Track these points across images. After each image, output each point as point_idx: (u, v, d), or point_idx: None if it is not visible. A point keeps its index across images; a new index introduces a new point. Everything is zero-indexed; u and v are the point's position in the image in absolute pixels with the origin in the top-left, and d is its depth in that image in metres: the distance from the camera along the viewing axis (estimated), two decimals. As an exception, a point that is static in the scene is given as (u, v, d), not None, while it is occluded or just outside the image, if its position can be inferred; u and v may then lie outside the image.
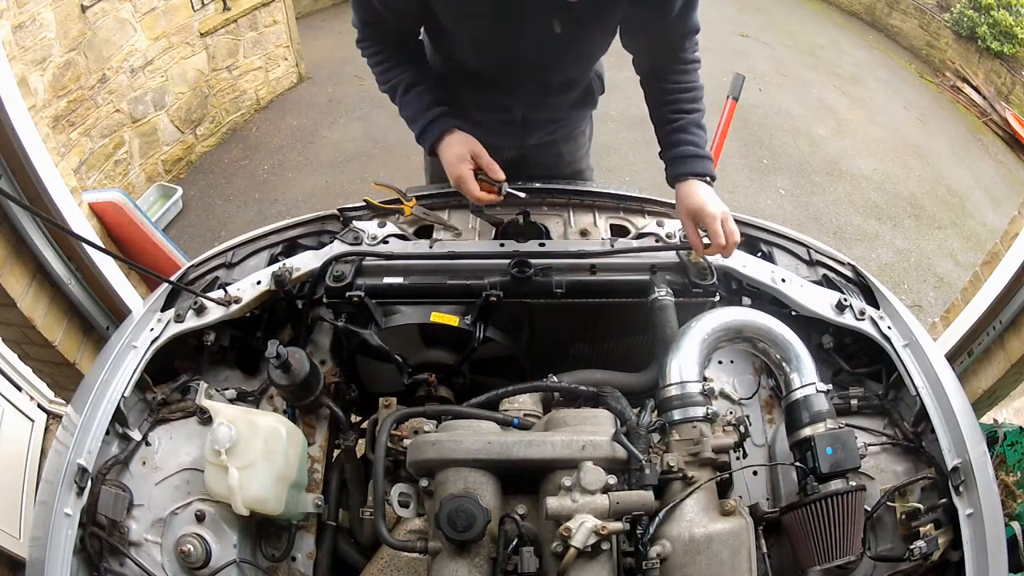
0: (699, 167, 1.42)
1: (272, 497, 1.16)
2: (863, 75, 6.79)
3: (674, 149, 1.46)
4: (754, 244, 1.57)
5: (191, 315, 1.37)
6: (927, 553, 1.12)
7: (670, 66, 1.49)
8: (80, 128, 3.76)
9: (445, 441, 1.04)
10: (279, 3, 5.05)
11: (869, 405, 1.35)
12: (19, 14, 3.16)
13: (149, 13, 4.07)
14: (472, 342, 1.36)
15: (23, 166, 1.77)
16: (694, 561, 0.97)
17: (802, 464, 1.12)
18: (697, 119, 1.48)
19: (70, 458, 1.17)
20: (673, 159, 1.46)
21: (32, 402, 2.66)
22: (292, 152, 4.91)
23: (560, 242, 1.51)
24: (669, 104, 1.48)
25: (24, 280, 1.83)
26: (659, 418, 1.15)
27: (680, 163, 1.44)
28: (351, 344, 1.42)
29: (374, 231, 1.50)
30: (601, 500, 0.96)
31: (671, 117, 1.47)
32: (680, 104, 1.48)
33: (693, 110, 1.48)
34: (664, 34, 1.44)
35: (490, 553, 0.98)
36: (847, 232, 4.64)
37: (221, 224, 4.29)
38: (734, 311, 1.24)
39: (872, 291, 1.46)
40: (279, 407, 1.39)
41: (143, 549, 1.19)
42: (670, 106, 1.48)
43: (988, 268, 2.24)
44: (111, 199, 2.89)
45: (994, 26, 6.71)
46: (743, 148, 5.23)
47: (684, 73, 1.49)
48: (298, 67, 5.53)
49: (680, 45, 1.47)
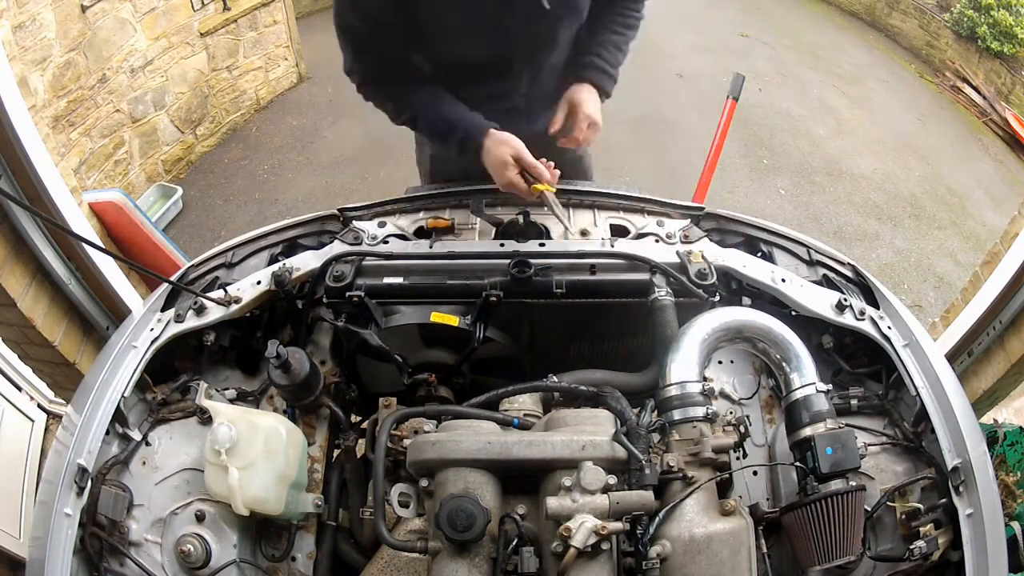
0: (597, 78, 1.54)
1: (272, 497, 1.16)
2: (863, 75, 6.79)
3: (585, 57, 1.56)
4: (754, 244, 1.57)
5: (191, 315, 1.37)
6: (927, 553, 1.12)
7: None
8: (80, 128, 3.76)
9: (445, 441, 1.04)
10: (279, 3, 5.05)
11: (869, 405, 1.35)
12: (19, 14, 3.16)
13: (149, 13, 4.07)
14: (472, 342, 1.37)
15: (23, 166, 1.77)
16: (694, 561, 0.97)
17: (802, 464, 1.12)
18: (620, 42, 1.57)
19: (70, 458, 1.17)
20: (579, 65, 1.56)
21: (32, 402, 2.66)
22: (292, 152, 4.91)
23: (560, 242, 1.51)
24: (601, 23, 1.57)
25: (24, 280, 1.83)
26: (659, 418, 1.15)
27: (584, 69, 1.55)
28: (351, 344, 1.42)
29: (374, 231, 1.51)
30: (601, 500, 0.96)
31: (596, 31, 1.57)
32: (611, 24, 1.57)
33: (619, 32, 1.57)
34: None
35: (490, 553, 0.98)
36: (847, 232, 4.64)
37: (221, 224, 4.29)
38: (734, 311, 1.24)
39: (872, 291, 1.46)
40: (279, 407, 1.39)
41: (143, 549, 1.19)
42: (601, 24, 1.57)
43: (988, 268, 2.24)
44: (111, 199, 2.89)
45: (994, 26, 6.71)
46: (743, 148, 5.23)
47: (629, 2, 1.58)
48: (298, 67, 5.53)
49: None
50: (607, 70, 1.55)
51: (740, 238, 1.58)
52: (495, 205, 1.60)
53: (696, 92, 5.91)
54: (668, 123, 5.46)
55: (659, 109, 5.61)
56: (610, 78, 1.56)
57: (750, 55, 6.63)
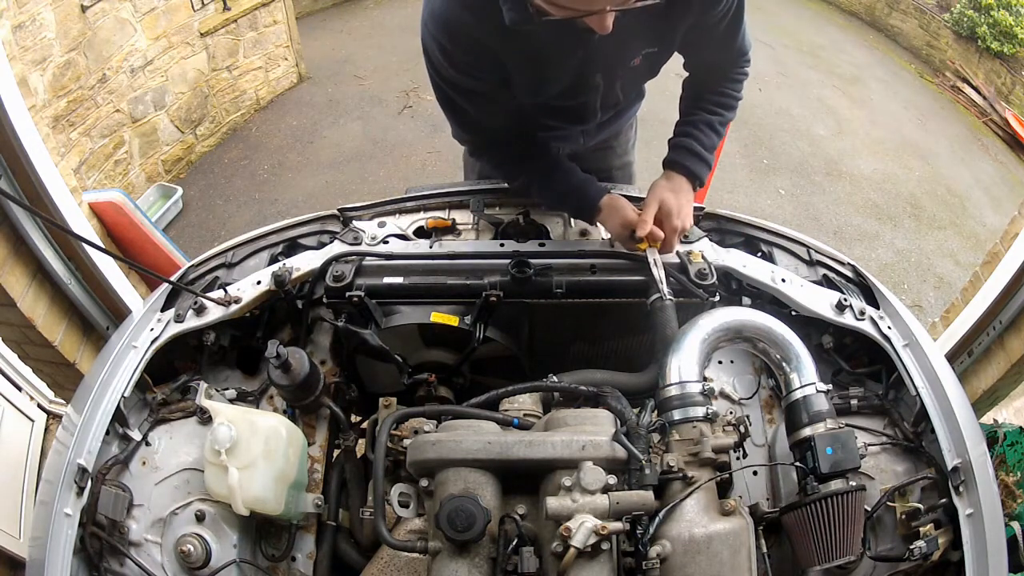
0: (693, 165, 1.45)
1: (272, 497, 1.16)
2: (863, 75, 6.79)
3: (680, 139, 1.48)
4: (754, 244, 1.57)
5: (191, 315, 1.37)
6: (927, 553, 1.12)
7: (717, 80, 1.50)
8: (80, 128, 3.76)
9: (445, 441, 1.04)
10: (279, 3, 5.04)
11: (869, 405, 1.35)
12: (19, 14, 3.16)
13: (149, 13, 4.07)
14: (472, 342, 1.37)
15: (23, 166, 1.77)
16: (694, 561, 0.97)
17: (802, 464, 1.12)
18: (715, 122, 1.48)
19: (70, 458, 1.17)
20: (675, 147, 1.48)
21: (32, 402, 2.65)
22: (292, 152, 4.91)
23: (560, 242, 1.51)
24: (699, 101, 1.50)
25: (24, 280, 1.83)
26: (659, 418, 1.15)
27: (679, 153, 1.46)
28: (351, 344, 1.42)
29: (374, 231, 1.51)
30: (601, 500, 0.96)
31: (693, 111, 1.49)
32: (708, 105, 1.49)
33: (717, 112, 1.49)
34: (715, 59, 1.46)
35: (490, 553, 0.98)
36: (847, 232, 4.64)
37: (221, 224, 4.29)
38: (734, 311, 1.24)
39: (872, 291, 1.46)
40: (279, 407, 1.39)
41: (143, 549, 1.19)
42: (699, 102, 1.50)
43: (988, 268, 2.24)
44: (111, 199, 2.89)
45: (994, 26, 6.71)
46: (743, 148, 5.23)
47: (729, 82, 1.50)
48: (298, 67, 5.53)
49: (730, 66, 1.48)
50: (703, 155, 1.45)
51: (740, 238, 1.58)
52: (495, 205, 1.60)
53: (696, 92, 5.90)
54: (668, 123, 5.41)
55: (659, 109, 5.56)
56: (706, 166, 1.46)
57: (750, 55, 6.63)
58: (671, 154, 1.47)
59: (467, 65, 1.27)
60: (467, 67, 1.27)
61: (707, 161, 1.46)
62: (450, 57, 1.25)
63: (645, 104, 1.71)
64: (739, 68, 1.49)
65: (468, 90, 1.33)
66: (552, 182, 1.46)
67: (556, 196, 1.48)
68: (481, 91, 1.33)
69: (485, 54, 1.24)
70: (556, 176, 1.46)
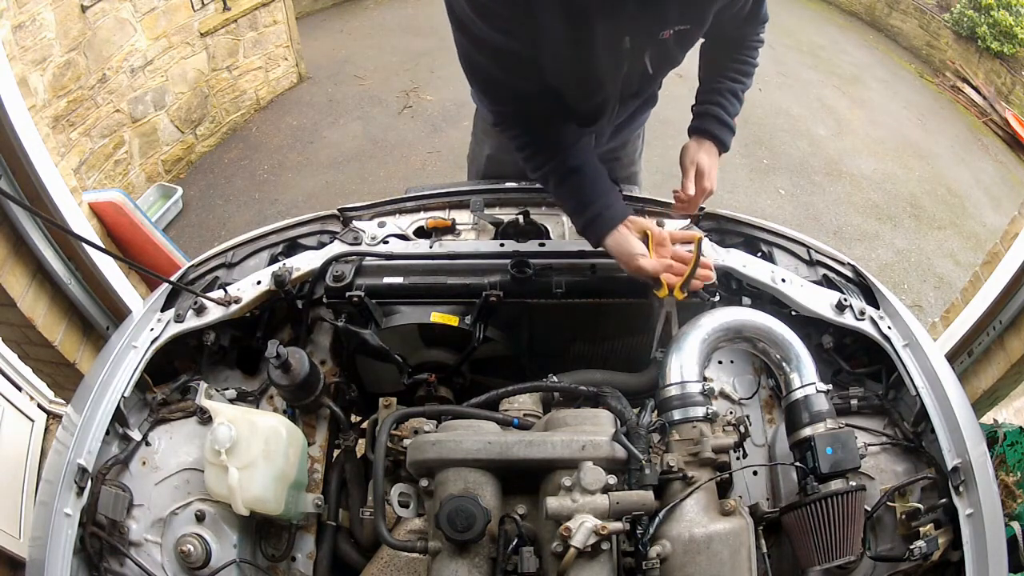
0: (721, 132, 1.49)
1: (272, 497, 1.16)
2: (863, 75, 6.79)
3: (708, 107, 1.51)
4: (754, 244, 1.57)
5: (191, 315, 1.37)
6: (927, 553, 1.11)
7: (736, 47, 1.52)
8: (80, 128, 3.76)
9: (445, 441, 1.04)
10: (279, 3, 5.05)
11: (869, 405, 1.35)
12: (19, 14, 3.16)
13: (149, 13, 4.07)
14: (472, 342, 1.36)
15: (23, 166, 1.77)
16: (694, 561, 0.97)
17: (802, 464, 1.12)
18: (738, 90, 1.52)
19: (70, 458, 1.17)
20: (702, 115, 1.51)
21: (32, 402, 2.65)
22: (292, 152, 4.91)
23: (560, 242, 1.51)
24: (721, 69, 1.53)
25: (24, 280, 1.83)
26: (659, 418, 1.15)
27: (708, 120, 1.50)
28: (351, 344, 1.42)
29: (374, 231, 1.50)
30: (601, 500, 0.96)
31: (717, 79, 1.52)
32: (730, 72, 1.52)
33: (739, 80, 1.52)
34: (736, 31, 1.47)
35: (490, 553, 0.98)
36: (847, 232, 4.64)
37: (221, 224, 4.29)
38: (734, 311, 1.24)
39: (872, 291, 1.46)
40: (279, 407, 1.39)
41: (143, 549, 1.19)
42: (721, 70, 1.53)
43: (988, 268, 2.24)
44: (111, 199, 2.89)
45: (994, 26, 6.71)
46: (743, 148, 5.23)
47: (748, 49, 1.53)
48: (298, 67, 5.53)
49: (750, 33, 1.51)
50: (728, 123, 1.50)
51: (740, 238, 1.58)
52: (495, 205, 1.60)
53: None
54: (668, 123, 5.41)
55: (659, 109, 5.58)
56: (731, 132, 1.51)
57: (750, 55, 6.63)
58: (700, 122, 1.50)
59: (496, 16, 1.17)
60: (496, 17, 1.17)
61: (733, 128, 1.51)
62: (479, 7, 1.16)
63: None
64: (758, 36, 1.52)
65: (496, 49, 1.22)
66: (577, 180, 1.35)
67: (579, 197, 1.34)
68: (511, 50, 1.22)
69: (517, 4, 1.15)
70: (581, 175, 1.35)
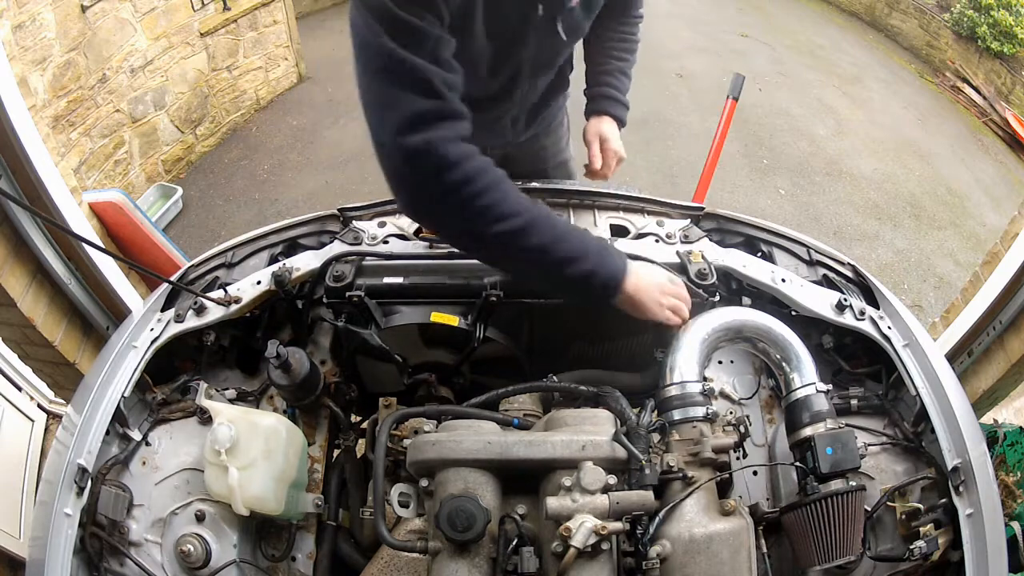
0: (615, 109, 1.64)
1: (272, 497, 1.16)
2: (863, 75, 6.80)
3: (598, 88, 1.65)
4: (754, 244, 1.57)
5: (191, 315, 1.37)
6: (927, 553, 1.11)
7: (618, 19, 1.63)
8: (80, 128, 3.76)
9: (445, 441, 1.04)
10: (279, 3, 5.05)
11: (869, 405, 1.34)
12: (19, 14, 3.16)
13: (149, 13, 4.07)
14: (472, 342, 1.36)
15: (23, 166, 1.77)
16: (694, 561, 0.97)
17: (802, 464, 1.12)
18: (625, 68, 1.66)
19: (70, 458, 1.17)
20: (595, 96, 1.66)
21: (32, 402, 2.65)
22: (292, 152, 4.91)
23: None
24: (605, 50, 1.65)
25: (24, 280, 1.83)
26: (659, 418, 1.15)
27: (601, 101, 1.64)
28: (351, 344, 1.42)
29: (374, 231, 1.50)
30: (601, 500, 0.96)
31: (603, 60, 1.65)
32: (614, 51, 1.64)
33: (623, 59, 1.65)
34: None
35: (490, 553, 0.98)
36: (847, 232, 4.64)
37: (221, 224, 4.29)
38: (734, 311, 1.24)
39: (872, 291, 1.46)
40: (279, 407, 1.39)
41: (143, 549, 1.19)
42: (605, 52, 1.64)
43: (988, 268, 2.24)
44: (111, 199, 2.89)
45: (994, 26, 6.71)
46: (743, 148, 5.23)
47: (627, 25, 1.65)
48: (298, 67, 5.53)
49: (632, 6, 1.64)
50: (621, 100, 1.64)
51: (740, 238, 1.58)
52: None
53: (696, 92, 5.91)
54: (668, 123, 5.45)
55: (659, 109, 5.61)
56: (625, 108, 1.66)
57: (750, 55, 6.63)
58: (595, 104, 1.65)
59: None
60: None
61: (626, 104, 1.67)
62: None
63: (646, 104, 1.75)
64: (636, 12, 1.66)
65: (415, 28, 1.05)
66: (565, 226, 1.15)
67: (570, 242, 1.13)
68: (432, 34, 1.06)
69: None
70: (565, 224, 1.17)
